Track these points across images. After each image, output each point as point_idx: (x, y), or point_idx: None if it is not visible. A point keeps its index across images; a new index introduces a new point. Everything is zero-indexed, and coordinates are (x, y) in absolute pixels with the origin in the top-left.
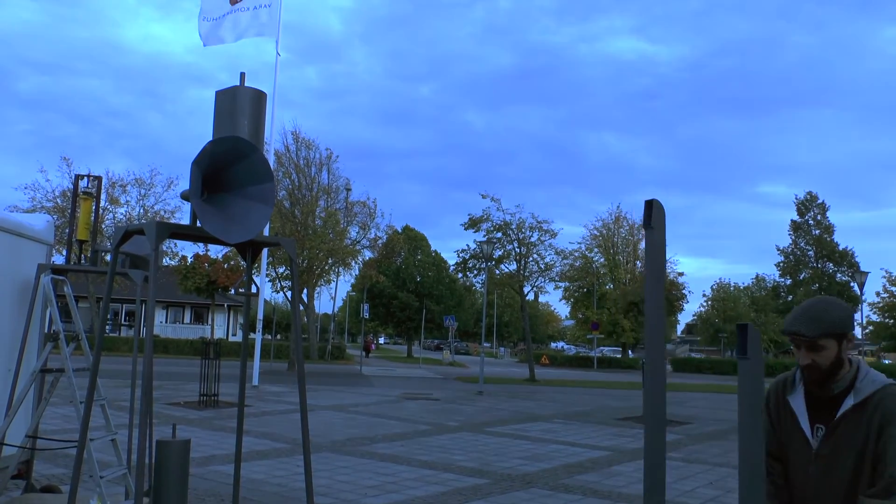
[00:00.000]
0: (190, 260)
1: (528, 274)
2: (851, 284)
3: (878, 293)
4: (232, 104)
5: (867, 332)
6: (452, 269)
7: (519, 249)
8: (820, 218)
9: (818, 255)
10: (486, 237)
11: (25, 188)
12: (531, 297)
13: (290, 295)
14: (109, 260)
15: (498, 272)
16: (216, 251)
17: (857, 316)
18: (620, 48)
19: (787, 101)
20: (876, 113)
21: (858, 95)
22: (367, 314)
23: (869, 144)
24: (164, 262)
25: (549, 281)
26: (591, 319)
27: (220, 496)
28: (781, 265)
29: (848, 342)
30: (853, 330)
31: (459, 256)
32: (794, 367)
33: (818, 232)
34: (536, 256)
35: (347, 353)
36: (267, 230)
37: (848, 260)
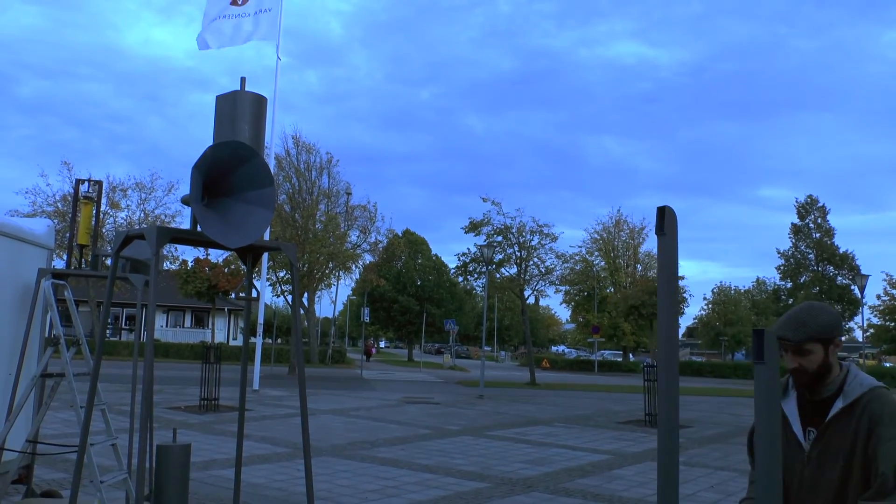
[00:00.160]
0: (190, 264)
1: (528, 277)
2: (852, 287)
3: (878, 296)
4: (232, 109)
5: (868, 335)
6: (453, 272)
7: (519, 253)
8: (820, 221)
9: (819, 258)
10: (486, 241)
11: (26, 192)
12: (532, 300)
13: (290, 299)
14: (110, 264)
15: (498, 276)
16: (217, 255)
17: (857, 319)
18: (621, 52)
19: (787, 104)
20: (876, 116)
21: (859, 99)
22: (367, 318)
23: (869, 148)
24: (164, 266)
25: (549, 284)
26: (591, 323)
27: (220, 500)
28: (782, 268)
29: (835, 347)
30: (840, 335)
31: (460, 260)
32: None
33: (819, 235)
34: (537, 260)
35: (348, 356)
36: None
37: (848, 263)
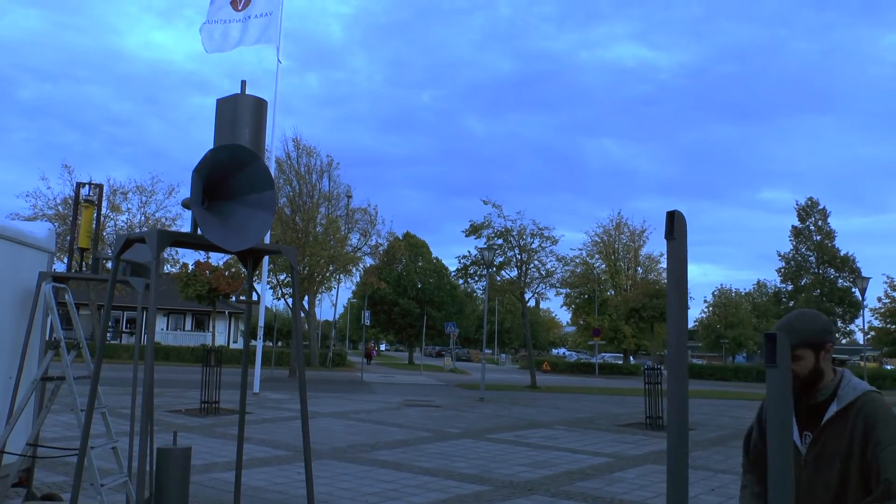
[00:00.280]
0: (191, 267)
1: (529, 280)
2: (853, 290)
3: (879, 298)
4: (233, 112)
5: (869, 337)
6: (453, 275)
7: (520, 256)
8: (821, 223)
9: (819, 260)
10: (487, 244)
11: (27, 196)
12: (532, 303)
13: (291, 302)
14: (111, 268)
15: (499, 279)
16: (217, 258)
17: (858, 321)
18: (621, 55)
19: (787, 107)
20: (876, 119)
21: (859, 101)
22: (368, 321)
23: (870, 150)
24: (165, 269)
25: (550, 287)
26: (592, 326)
27: None
28: (783, 271)
29: (826, 353)
30: (831, 341)
31: (460, 263)
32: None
33: (819, 237)
34: (537, 263)
35: (348, 360)
36: (268, 237)
37: (849, 265)
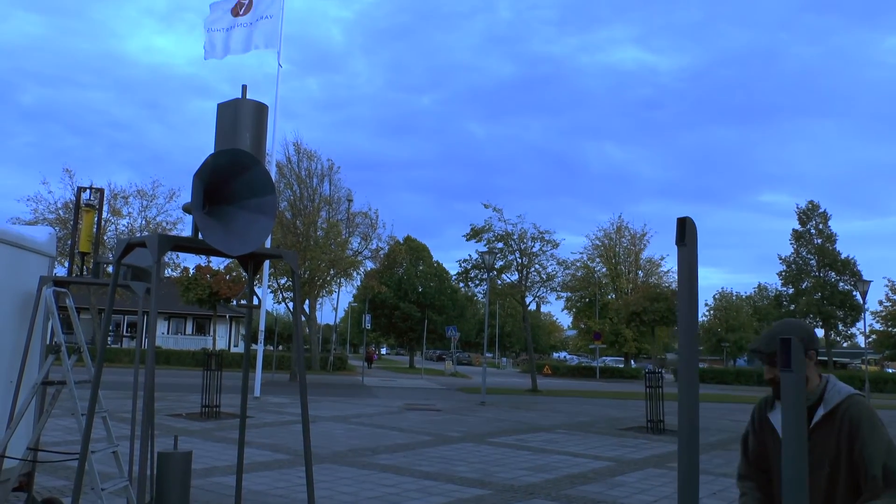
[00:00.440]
0: (192, 271)
1: (529, 284)
2: (854, 293)
3: (880, 302)
4: (234, 117)
5: (870, 341)
6: (454, 279)
7: (521, 260)
8: (822, 227)
9: (820, 263)
10: (487, 247)
11: (28, 200)
12: (533, 307)
13: (291, 306)
14: (111, 272)
15: (500, 282)
16: (218, 263)
17: (859, 325)
18: (621, 58)
19: (787, 110)
20: (877, 122)
21: (859, 105)
22: (368, 325)
23: (870, 153)
24: (165, 273)
25: (550, 291)
26: (593, 329)
27: None
28: (783, 274)
29: (809, 359)
30: (813, 348)
31: (461, 267)
32: None
33: (820, 241)
34: (538, 266)
35: (349, 363)
36: (269, 241)
37: (850, 269)
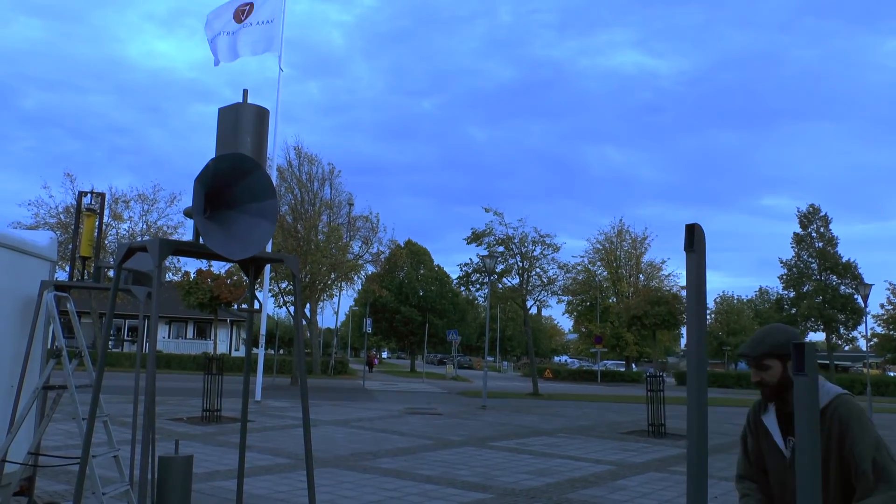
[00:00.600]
0: (193, 276)
1: (530, 288)
2: (855, 297)
3: (882, 305)
4: (235, 121)
5: (872, 344)
6: (455, 283)
7: (521, 263)
8: (823, 230)
9: (821, 267)
10: (488, 251)
11: (29, 204)
12: (534, 310)
13: (292, 310)
14: (112, 276)
15: (501, 286)
16: (219, 267)
17: (861, 328)
18: (622, 62)
19: (788, 113)
20: (877, 125)
21: (859, 108)
22: (369, 329)
23: (871, 156)
24: (166, 277)
25: (551, 295)
26: (594, 333)
27: None
28: (785, 278)
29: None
30: None
31: (462, 270)
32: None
33: (821, 244)
34: (539, 270)
35: (350, 367)
36: (270, 245)
37: (851, 272)
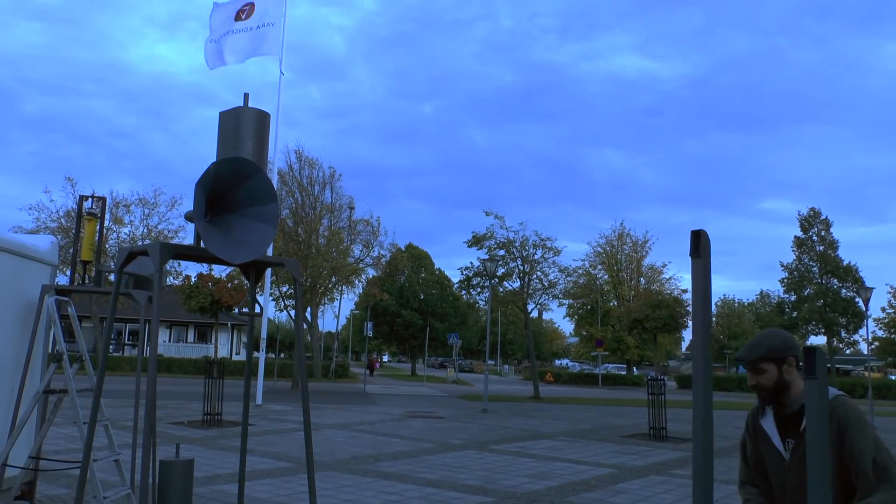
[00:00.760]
0: (193, 280)
1: (531, 291)
2: (856, 300)
3: (883, 308)
4: (236, 125)
5: (873, 348)
6: (456, 286)
7: (522, 267)
8: (824, 233)
9: (822, 270)
10: (489, 255)
11: (30, 209)
12: (535, 314)
13: (293, 314)
14: (113, 280)
15: (501, 290)
16: (220, 271)
17: (862, 331)
18: (622, 66)
19: (789, 117)
20: (878, 128)
21: (860, 111)
22: (370, 332)
23: (871, 160)
24: (167, 281)
25: (552, 298)
26: (595, 336)
27: None
28: (786, 281)
29: (788, 365)
30: (793, 355)
31: (463, 274)
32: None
33: (822, 248)
34: (540, 274)
35: (351, 371)
36: (270, 249)
37: (852, 275)
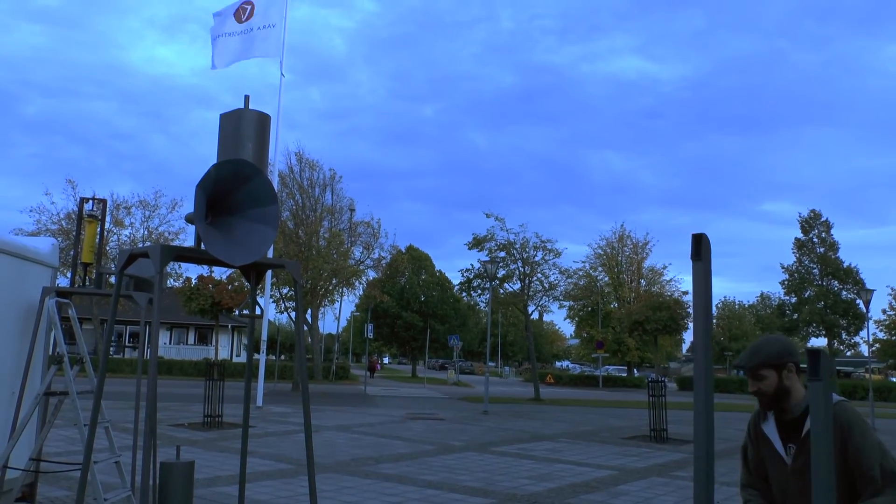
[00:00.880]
0: (194, 281)
1: (532, 293)
2: (857, 302)
3: (884, 310)
4: (236, 127)
5: (874, 350)
6: (457, 288)
7: (523, 269)
8: (824, 235)
9: (823, 272)
10: (489, 257)
11: (30, 211)
12: (535, 316)
13: (294, 315)
14: (114, 282)
15: (502, 291)
16: (220, 272)
17: (863, 333)
18: (622, 67)
19: (789, 118)
20: (878, 130)
21: (860, 113)
22: (371, 334)
23: (872, 161)
24: (168, 283)
25: (553, 300)
26: (595, 338)
27: None
28: (786, 283)
29: (789, 372)
30: (792, 361)
31: (463, 276)
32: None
33: (822, 250)
34: (540, 276)
35: (352, 373)
36: (271, 251)
37: (853, 277)
